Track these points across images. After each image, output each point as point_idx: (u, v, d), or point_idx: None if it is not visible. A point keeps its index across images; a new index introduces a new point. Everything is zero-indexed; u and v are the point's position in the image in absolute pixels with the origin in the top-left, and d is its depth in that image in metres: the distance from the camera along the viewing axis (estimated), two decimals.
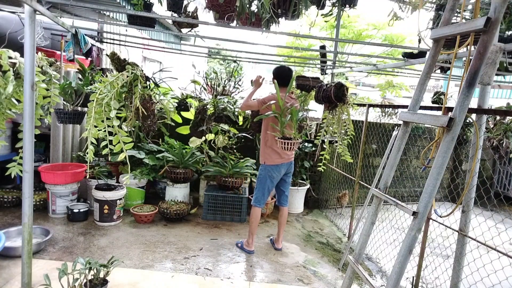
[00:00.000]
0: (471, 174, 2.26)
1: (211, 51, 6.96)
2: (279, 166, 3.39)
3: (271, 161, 3.35)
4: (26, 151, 2.28)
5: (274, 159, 3.35)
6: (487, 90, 2.30)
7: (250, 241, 3.50)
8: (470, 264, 2.47)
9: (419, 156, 5.95)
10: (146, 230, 3.79)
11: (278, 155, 3.34)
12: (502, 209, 5.60)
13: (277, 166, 3.38)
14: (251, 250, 3.49)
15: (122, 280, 2.75)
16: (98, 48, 4.55)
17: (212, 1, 2.78)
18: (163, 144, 4.78)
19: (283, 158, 3.36)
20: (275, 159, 3.35)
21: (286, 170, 3.47)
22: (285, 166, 3.42)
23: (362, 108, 4.02)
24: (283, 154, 3.33)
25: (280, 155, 3.35)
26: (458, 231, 2.47)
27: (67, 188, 3.95)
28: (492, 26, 1.56)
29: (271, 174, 3.39)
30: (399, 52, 9.17)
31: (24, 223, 2.33)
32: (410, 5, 3.62)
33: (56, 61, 3.42)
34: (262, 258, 3.40)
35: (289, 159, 3.44)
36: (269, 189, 3.47)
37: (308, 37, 4.10)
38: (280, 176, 3.46)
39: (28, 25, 2.18)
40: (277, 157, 3.36)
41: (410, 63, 3.78)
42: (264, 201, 3.49)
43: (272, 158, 3.35)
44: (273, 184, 3.47)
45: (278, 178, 3.45)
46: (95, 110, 2.50)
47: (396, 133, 2.96)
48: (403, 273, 1.65)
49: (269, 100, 3.24)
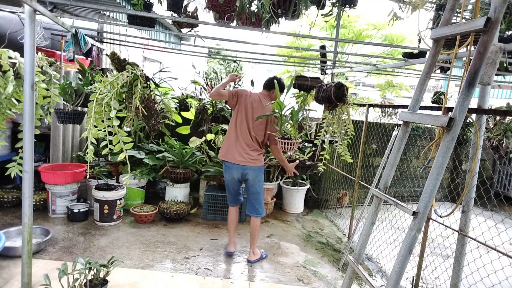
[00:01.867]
0: (471, 174, 2.26)
1: (211, 51, 6.96)
2: (228, 166, 3.14)
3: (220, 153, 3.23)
4: (26, 151, 2.28)
5: (221, 152, 3.20)
6: (487, 90, 2.30)
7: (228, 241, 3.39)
8: (470, 264, 2.47)
9: (419, 156, 5.95)
10: (146, 230, 3.79)
11: (224, 149, 3.16)
12: (502, 209, 5.60)
13: (225, 164, 3.18)
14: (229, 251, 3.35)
15: (122, 280, 2.75)
16: (98, 48, 4.55)
17: (212, 1, 2.77)
18: (163, 144, 4.78)
19: (228, 155, 3.11)
20: (221, 151, 3.18)
21: (241, 175, 3.14)
22: (238, 170, 3.10)
23: (362, 108, 4.02)
24: (230, 149, 3.11)
25: (226, 149, 3.14)
26: (458, 231, 2.47)
27: (67, 188, 3.95)
28: (492, 26, 1.56)
29: (224, 169, 3.23)
30: (399, 52, 9.17)
31: (24, 223, 2.33)
32: (410, 5, 3.62)
33: (56, 61, 3.43)
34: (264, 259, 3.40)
35: (241, 162, 3.07)
36: (228, 186, 3.27)
37: (308, 37, 4.10)
38: (234, 180, 3.18)
39: (28, 25, 2.18)
40: (223, 150, 3.16)
41: (410, 63, 3.78)
42: (230, 200, 3.34)
43: (221, 150, 3.20)
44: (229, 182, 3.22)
45: (230, 179, 3.19)
46: (95, 110, 2.51)
47: (396, 133, 2.96)
48: (403, 273, 1.65)
49: (241, 94, 3.17)
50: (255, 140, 3.13)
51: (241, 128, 3.12)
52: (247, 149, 3.09)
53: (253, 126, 3.13)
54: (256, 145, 3.14)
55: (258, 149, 3.16)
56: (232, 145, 3.12)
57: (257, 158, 3.12)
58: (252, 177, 3.14)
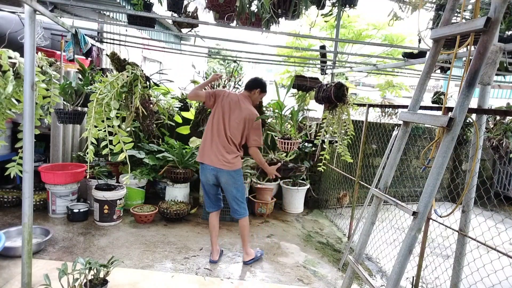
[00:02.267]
0: (471, 174, 2.26)
1: (211, 51, 6.96)
2: (204, 167, 3.04)
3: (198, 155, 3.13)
4: (26, 151, 2.28)
5: (198, 153, 3.10)
6: (487, 90, 2.29)
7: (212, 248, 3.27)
8: (470, 264, 2.47)
9: (419, 156, 5.95)
10: (146, 230, 3.79)
11: (201, 151, 3.06)
12: (502, 209, 5.60)
13: (201, 166, 3.07)
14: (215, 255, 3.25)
15: (122, 280, 2.75)
16: (98, 48, 4.55)
17: (212, 1, 2.78)
18: (163, 144, 4.78)
19: (204, 156, 3.02)
20: (198, 153, 3.09)
21: (216, 178, 3.03)
22: (212, 171, 3.00)
23: (362, 108, 4.02)
24: (206, 150, 3.01)
25: (202, 151, 3.04)
26: (458, 231, 2.47)
27: (67, 188, 3.95)
28: (492, 26, 1.56)
29: (200, 172, 3.12)
30: (399, 52, 9.17)
31: (24, 223, 2.33)
32: (410, 5, 3.62)
33: (56, 61, 3.43)
34: (262, 258, 3.40)
35: (216, 164, 2.96)
36: (204, 189, 3.19)
37: (308, 37, 4.10)
38: (209, 183, 3.09)
39: (28, 25, 2.18)
40: (200, 152, 3.06)
41: (410, 63, 3.78)
42: (208, 205, 3.22)
43: (198, 152, 3.10)
44: (205, 185, 3.13)
45: (205, 181, 3.10)
46: (95, 110, 2.50)
47: (396, 133, 2.96)
48: (403, 273, 1.65)
49: (218, 94, 3.08)
50: (231, 141, 3.01)
51: (218, 129, 3.01)
52: (223, 151, 2.97)
53: (230, 127, 3.00)
54: (233, 147, 3.01)
55: (235, 152, 3.02)
56: (208, 147, 3.01)
57: (232, 162, 2.98)
58: (226, 181, 3.01)
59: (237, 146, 3.05)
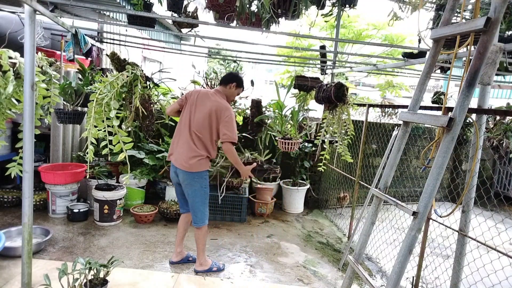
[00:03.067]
0: (471, 174, 2.26)
1: (211, 51, 6.96)
2: (171, 166, 2.91)
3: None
4: (26, 151, 2.28)
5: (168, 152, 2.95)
6: (487, 90, 2.29)
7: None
8: (470, 264, 2.47)
9: (419, 156, 5.95)
10: (146, 230, 3.79)
11: (170, 148, 2.92)
12: (502, 209, 5.60)
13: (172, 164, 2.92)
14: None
15: (122, 280, 2.75)
16: (98, 48, 4.55)
17: (212, 1, 2.78)
18: (163, 144, 4.78)
19: (171, 155, 2.88)
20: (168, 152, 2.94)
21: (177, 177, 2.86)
22: (173, 169, 2.88)
23: (362, 108, 4.02)
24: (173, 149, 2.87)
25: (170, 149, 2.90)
26: (458, 231, 2.47)
27: (67, 188, 3.95)
28: (492, 26, 1.56)
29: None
30: (399, 52, 9.18)
31: (24, 223, 2.33)
32: (410, 5, 3.62)
33: (56, 61, 3.42)
34: (262, 258, 3.40)
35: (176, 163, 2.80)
36: (175, 190, 3.05)
37: (308, 37, 4.10)
38: (174, 181, 2.95)
39: (28, 25, 2.18)
40: (169, 151, 2.92)
41: (410, 63, 3.78)
42: (180, 205, 3.08)
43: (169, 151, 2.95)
44: (174, 184, 2.99)
45: (173, 181, 2.97)
46: (95, 110, 2.51)
47: (396, 133, 2.96)
48: (403, 273, 1.65)
49: (190, 94, 2.91)
50: (197, 138, 2.76)
51: (184, 125, 2.82)
52: (185, 150, 2.76)
53: (195, 122, 2.78)
54: (199, 145, 2.76)
55: (198, 152, 2.75)
56: (174, 145, 2.88)
57: (190, 163, 2.73)
58: (183, 181, 2.81)
59: (205, 144, 2.78)
